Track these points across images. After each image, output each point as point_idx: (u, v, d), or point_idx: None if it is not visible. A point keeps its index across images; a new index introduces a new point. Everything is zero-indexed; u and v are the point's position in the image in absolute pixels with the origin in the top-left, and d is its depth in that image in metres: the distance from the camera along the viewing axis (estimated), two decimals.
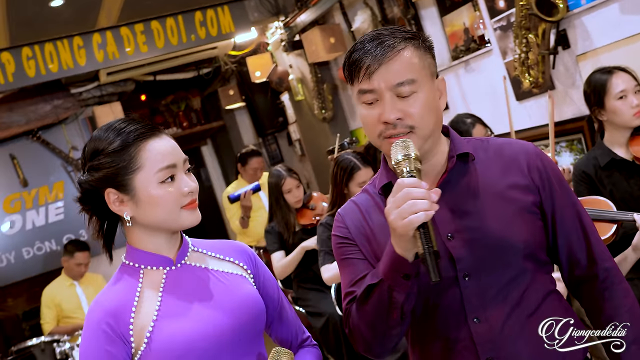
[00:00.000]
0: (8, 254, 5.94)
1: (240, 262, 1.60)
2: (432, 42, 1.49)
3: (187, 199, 1.47)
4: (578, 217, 1.51)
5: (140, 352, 1.41)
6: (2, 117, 5.79)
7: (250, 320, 1.51)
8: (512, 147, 1.51)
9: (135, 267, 1.49)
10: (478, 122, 3.68)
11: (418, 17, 4.54)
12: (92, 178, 1.45)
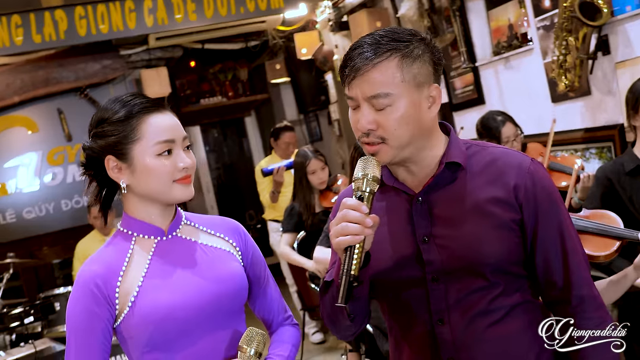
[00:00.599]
0: (47, 205, 6.17)
1: (230, 239, 1.68)
2: (431, 48, 1.48)
3: (181, 174, 1.54)
4: (561, 240, 1.50)
5: (124, 314, 1.50)
6: (53, 73, 5.98)
7: (231, 295, 1.59)
8: (506, 160, 1.51)
9: (129, 234, 1.58)
10: (509, 120, 3.68)
11: (464, 8, 4.51)
12: (95, 145, 1.56)
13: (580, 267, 1.51)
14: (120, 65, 6.19)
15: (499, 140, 3.66)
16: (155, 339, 1.50)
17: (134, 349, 1.53)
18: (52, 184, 6.20)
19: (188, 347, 1.52)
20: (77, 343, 1.50)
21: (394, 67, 1.42)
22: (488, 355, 1.47)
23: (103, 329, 1.50)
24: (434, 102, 1.48)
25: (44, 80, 5.98)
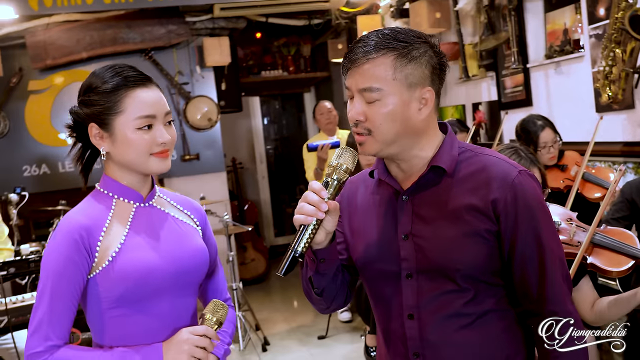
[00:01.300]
0: None
1: (195, 217, 1.81)
2: (435, 53, 1.54)
3: (159, 148, 1.65)
4: (539, 254, 1.52)
5: (101, 268, 1.60)
6: (120, 33, 6.21)
7: (197, 268, 1.72)
8: (492, 170, 1.54)
9: (109, 196, 1.69)
10: (548, 125, 3.68)
11: (522, 8, 4.49)
12: (81, 111, 1.66)
13: (556, 282, 1.53)
14: (185, 32, 6.36)
15: (537, 145, 3.68)
16: (127, 296, 1.61)
17: (102, 303, 1.62)
18: None
19: (153, 308, 1.64)
20: (52, 286, 1.58)
21: (388, 64, 1.49)
22: (454, 357, 1.54)
23: (78, 277, 1.59)
24: (426, 105, 1.54)
25: (112, 39, 6.21)
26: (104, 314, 1.63)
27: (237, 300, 5.24)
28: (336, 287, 1.65)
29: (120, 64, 1.70)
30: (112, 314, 1.63)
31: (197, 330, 1.62)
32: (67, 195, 5.92)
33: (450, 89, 5.67)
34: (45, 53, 6.09)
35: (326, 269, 1.58)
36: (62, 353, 1.56)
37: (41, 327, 1.56)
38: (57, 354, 1.56)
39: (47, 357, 1.55)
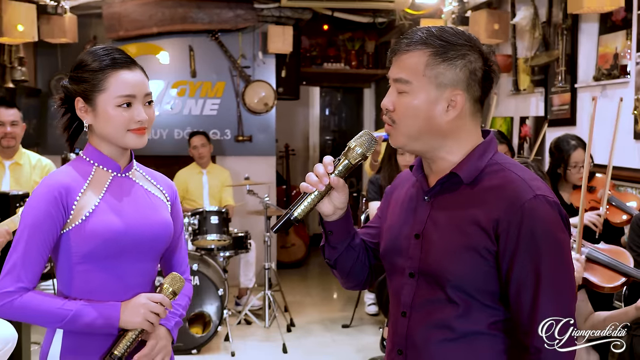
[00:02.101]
0: (162, 130, 6.75)
1: (166, 192, 1.96)
2: (478, 59, 1.52)
3: (136, 125, 1.79)
4: (535, 284, 1.46)
5: (74, 225, 1.76)
6: (190, 12, 6.49)
7: (162, 238, 1.88)
8: (509, 188, 1.50)
9: (90, 163, 1.84)
10: (581, 146, 3.75)
11: (576, 28, 4.52)
12: (70, 86, 1.83)
13: (547, 317, 1.46)
14: (252, 17, 6.59)
15: (567, 164, 3.75)
16: (93, 253, 1.77)
17: (72, 257, 1.78)
18: (170, 112, 6.77)
19: (116, 267, 1.79)
20: (29, 235, 1.73)
21: (421, 59, 1.51)
22: None
23: (53, 230, 1.75)
24: (454, 107, 1.52)
25: (182, 18, 6.50)
26: (72, 267, 1.79)
27: (269, 279, 5.45)
28: (351, 264, 1.71)
29: (110, 46, 1.86)
30: (79, 268, 1.78)
31: (154, 297, 1.79)
32: None
33: (502, 101, 5.73)
34: (119, 24, 6.43)
35: (335, 242, 1.66)
36: (31, 296, 1.72)
37: (14, 270, 1.72)
38: (26, 295, 1.72)
39: (17, 297, 1.71)
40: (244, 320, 5.55)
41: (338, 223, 1.64)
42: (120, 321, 1.75)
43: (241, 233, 5.61)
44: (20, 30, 4.76)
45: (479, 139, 1.59)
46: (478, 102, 1.57)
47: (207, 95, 6.79)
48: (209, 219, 5.24)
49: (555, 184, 3.88)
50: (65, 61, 6.39)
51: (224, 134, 6.80)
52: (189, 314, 4.89)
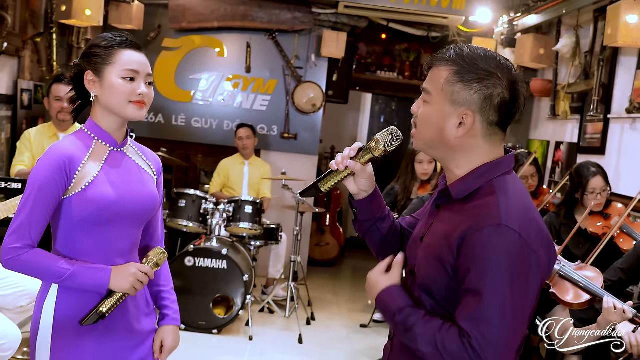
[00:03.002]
0: (213, 120, 7.06)
1: (154, 168, 2.19)
2: (498, 85, 1.58)
3: (137, 98, 2.00)
4: (472, 304, 1.51)
5: (75, 192, 1.97)
6: (251, 11, 6.79)
7: (148, 209, 2.11)
8: (481, 212, 1.57)
9: (91, 137, 2.05)
10: (600, 174, 3.84)
11: (616, 60, 4.60)
12: (82, 62, 2.06)
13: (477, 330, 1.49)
14: (309, 20, 6.85)
15: (585, 189, 3.85)
16: (89, 218, 1.98)
17: (72, 219, 1.98)
18: (222, 104, 7.07)
19: (108, 231, 2.02)
20: (35, 198, 1.93)
21: (443, 76, 1.61)
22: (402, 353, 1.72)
23: (56, 194, 1.95)
24: (464, 126, 1.60)
25: (242, 15, 6.80)
26: (70, 229, 2.00)
27: (295, 272, 5.68)
28: (377, 241, 1.87)
29: (119, 32, 2.11)
30: (76, 231, 2.00)
31: (142, 268, 2.04)
32: (170, 145, 6.61)
33: (541, 124, 5.82)
34: (183, 16, 6.77)
35: (362, 219, 1.85)
36: (35, 252, 1.94)
37: (21, 229, 1.93)
38: (31, 252, 1.93)
39: (23, 253, 1.92)
40: (267, 308, 5.79)
41: (362, 203, 1.82)
42: (109, 284, 1.99)
43: (273, 225, 5.86)
44: (88, 15, 5.12)
45: (490, 159, 1.64)
46: (495, 125, 1.61)
47: (258, 91, 7.07)
48: (244, 207, 5.50)
49: (572, 208, 3.98)
50: None
51: (271, 130, 7.07)
52: (214, 295, 5.16)
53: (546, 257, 1.58)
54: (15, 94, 5.14)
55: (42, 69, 5.45)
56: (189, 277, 5.12)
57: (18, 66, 5.19)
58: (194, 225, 5.43)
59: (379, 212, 1.86)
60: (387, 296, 1.68)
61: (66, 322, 2.00)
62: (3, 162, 5.04)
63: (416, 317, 1.59)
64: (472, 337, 1.48)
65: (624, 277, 3.21)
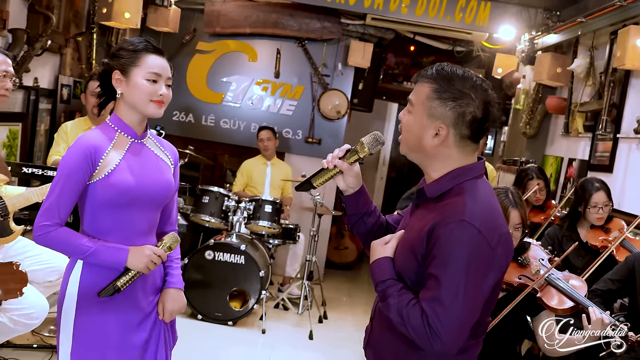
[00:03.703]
0: (241, 122, 7.35)
1: (171, 158, 2.45)
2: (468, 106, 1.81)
3: (157, 98, 2.27)
4: (433, 287, 1.74)
5: (99, 178, 2.22)
6: (282, 19, 7.06)
7: (164, 195, 2.36)
8: (449, 209, 1.79)
9: (114, 129, 2.31)
10: (603, 189, 4.01)
11: (627, 82, 4.76)
12: (111, 61, 2.32)
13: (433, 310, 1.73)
14: (337, 30, 7.09)
15: (587, 203, 4.02)
16: (111, 201, 2.23)
17: (95, 202, 2.23)
18: (250, 107, 7.35)
19: (128, 213, 2.27)
20: (63, 182, 2.19)
21: (424, 91, 1.84)
22: (380, 329, 2.00)
23: (82, 179, 2.20)
24: (438, 137, 1.83)
25: (274, 23, 7.08)
26: (94, 211, 2.26)
27: (310, 272, 5.91)
28: (363, 232, 2.11)
29: (145, 37, 2.36)
30: (99, 212, 2.26)
31: (156, 251, 2.28)
32: (198, 143, 6.90)
33: (557, 141, 5.98)
34: (217, 21, 7.07)
35: (350, 213, 2.09)
36: (62, 230, 2.19)
37: (50, 209, 2.18)
38: (60, 230, 2.18)
39: (52, 230, 2.17)
40: (281, 305, 6.04)
41: (350, 198, 2.07)
42: (126, 262, 2.24)
43: (292, 225, 6.11)
44: (127, 17, 5.43)
45: (462, 165, 1.86)
46: (467, 138, 1.84)
47: (286, 96, 7.34)
48: (264, 207, 5.76)
49: (575, 221, 4.15)
50: (164, 47, 7.04)
51: (296, 134, 7.33)
52: (231, 289, 5.42)
53: (503, 252, 1.81)
54: (55, 89, 5.47)
55: (81, 66, 5.78)
56: (208, 270, 5.39)
57: (59, 62, 5.52)
58: (216, 221, 5.70)
59: (365, 207, 2.10)
60: (377, 266, 1.91)
61: (88, 294, 2.27)
62: (41, 152, 5.37)
63: (393, 289, 1.83)
64: (430, 316, 1.72)
65: (614, 288, 3.37)
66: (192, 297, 5.35)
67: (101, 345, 2.25)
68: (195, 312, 5.41)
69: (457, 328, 1.72)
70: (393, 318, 1.81)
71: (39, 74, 5.09)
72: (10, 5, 4.42)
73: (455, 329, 1.72)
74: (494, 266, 1.78)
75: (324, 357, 5.09)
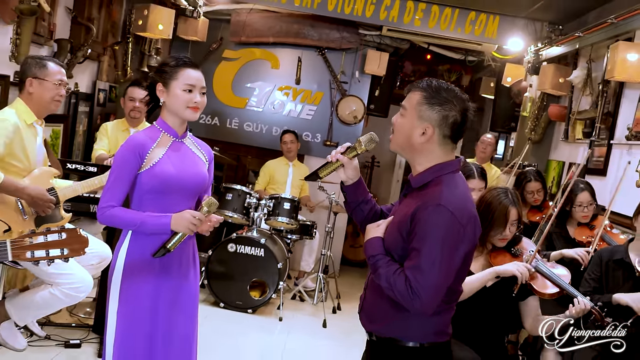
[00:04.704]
0: (263, 125, 7.80)
1: (206, 155, 2.88)
2: (451, 111, 2.18)
3: (192, 104, 2.70)
4: (414, 258, 2.13)
5: (145, 169, 2.66)
6: (303, 29, 7.51)
7: (198, 184, 2.79)
8: (428, 196, 2.18)
9: (159, 130, 2.76)
10: (588, 190, 4.38)
11: (621, 92, 5.12)
12: (155, 76, 2.76)
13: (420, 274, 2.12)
14: (355, 40, 7.53)
15: (573, 203, 4.39)
16: (155, 188, 2.67)
17: (142, 188, 2.67)
18: (272, 111, 7.81)
19: (168, 199, 2.70)
20: (116, 173, 2.66)
21: (416, 98, 2.23)
22: (370, 298, 2.39)
23: (131, 169, 2.66)
24: (425, 135, 2.21)
25: (295, 33, 7.53)
26: (141, 195, 2.71)
27: (326, 266, 6.33)
28: (360, 219, 2.48)
29: (183, 55, 2.80)
30: (145, 197, 2.70)
31: (195, 214, 2.69)
32: (223, 145, 7.36)
33: (559, 146, 6.35)
34: (242, 31, 7.55)
35: (349, 201, 2.46)
36: (116, 209, 2.65)
37: (107, 193, 2.67)
38: (114, 209, 2.65)
39: (108, 210, 2.64)
40: (298, 296, 6.47)
41: (349, 188, 2.45)
42: (171, 226, 2.67)
43: (309, 222, 6.54)
44: (160, 29, 5.92)
45: (442, 160, 2.24)
46: (448, 138, 2.22)
47: (306, 102, 7.79)
48: (283, 204, 6.20)
49: (564, 220, 4.52)
50: (193, 55, 7.56)
51: (315, 137, 7.77)
52: (251, 279, 5.86)
53: (471, 230, 2.21)
54: (93, 93, 5.97)
55: (117, 72, 6.28)
56: (230, 262, 5.84)
57: (97, 69, 6.02)
58: (238, 216, 6.15)
59: (362, 196, 2.51)
60: (369, 244, 2.32)
61: (133, 265, 2.72)
62: (79, 151, 5.87)
63: (382, 262, 2.24)
64: (411, 281, 2.13)
65: (597, 285, 3.71)
66: (215, 286, 5.82)
67: (139, 305, 2.71)
68: (218, 301, 5.86)
69: (433, 290, 2.13)
70: (382, 285, 2.22)
71: (78, 80, 5.59)
72: (57, 18, 4.92)
73: (432, 291, 2.13)
74: (464, 241, 2.18)
75: (336, 343, 5.50)
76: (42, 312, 3.46)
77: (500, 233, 3.17)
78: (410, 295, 2.13)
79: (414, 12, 6.66)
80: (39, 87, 3.46)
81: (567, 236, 4.47)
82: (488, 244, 3.25)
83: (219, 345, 4.95)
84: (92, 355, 4.27)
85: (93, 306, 4.98)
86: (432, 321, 2.28)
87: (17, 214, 3.30)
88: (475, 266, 3.17)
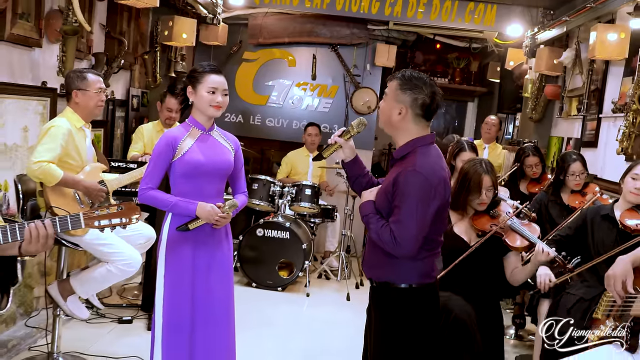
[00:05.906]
0: (284, 120, 8.37)
1: (232, 145, 3.41)
2: (421, 94, 2.67)
3: (215, 104, 3.22)
4: (397, 214, 2.64)
5: (177, 157, 3.19)
6: (316, 28, 8.05)
7: (223, 170, 3.32)
8: (406, 163, 2.66)
9: (189, 125, 3.29)
10: (580, 160, 4.85)
11: (607, 69, 5.58)
12: (187, 80, 3.31)
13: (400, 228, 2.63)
14: (364, 35, 8.05)
15: (566, 172, 4.87)
16: (187, 173, 3.19)
17: (176, 174, 3.21)
18: (291, 106, 8.37)
19: (200, 182, 3.24)
20: (155, 161, 3.19)
21: (393, 84, 2.74)
22: (368, 254, 2.95)
23: (167, 158, 3.19)
24: (401, 114, 2.70)
25: (309, 32, 8.08)
26: (176, 179, 3.24)
27: (346, 244, 6.87)
28: (360, 189, 2.96)
29: (209, 63, 3.34)
30: (179, 181, 3.24)
31: (217, 210, 3.24)
32: (247, 140, 7.93)
33: (559, 123, 6.81)
34: (259, 33, 8.11)
35: (350, 175, 2.98)
36: (153, 191, 3.20)
37: (146, 177, 3.20)
38: (152, 191, 3.19)
39: (148, 191, 3.19)
40: (323, 275, 7.03)
41: (348, 165, 2.98)
42: (195, 212, 3.23)
43: (329, 206, 7.10)
44: (184, 38, 6.50)
45: (418, 135, 2.73)
46: (420, 117, 2.72)
47: (322, 95, 8.33)
48: (304, 190, 6.76)
49: (558, 188, 5.00)
50: (215, 58, 8.16)
51: (332, 128, 8.31)
52: (279, 260, 6.44)
53: (442, 190, 2.72)
54: (127, 99, 6.58)
55: (148, 79, 6.88)
56: (260, 245, 6.42)
57: (130, 77, 6.63)
58: (264, 204, 6.72)
59: (359, 171, 3.04)
60: (363, 206, 2.86)
61: (174, 238, 3.30)
62: (118, 152, 6.48)
63: (373, 219, 2.77)
64: (394, 231, 2.67)
65: (571, 234, 4.17)
66: (247, 269, 6.41)
67: (180, 268, 3.29)
68: (250, 282, 6.44)
69: (411, 238, 2.66)
70: (373, 237, 2.76)
71: (114, 88, 6.19)
72: (93, 34, 5.53)
73: (410, 239, 2.66)
74: (436, 197, 2.69)
75: (358, 314, 6.02)
76: (101, 286, 4.04)
77: (477, 197, 3.68)
78: (393, 243, 2.66)
79: (417, 6, 7.16)
80: (83, 97, 4.04)
81: (562, 203, 4.93)
82: (469, 209, 3.76)
83: (254, 319, 5.52)
84: (142, 329, 4.90)
85: (140, 289, 5.61)
86: (418, 265, 2.80)
87: (75, 203, 3.89)
88: (460, 228, 3.70)
